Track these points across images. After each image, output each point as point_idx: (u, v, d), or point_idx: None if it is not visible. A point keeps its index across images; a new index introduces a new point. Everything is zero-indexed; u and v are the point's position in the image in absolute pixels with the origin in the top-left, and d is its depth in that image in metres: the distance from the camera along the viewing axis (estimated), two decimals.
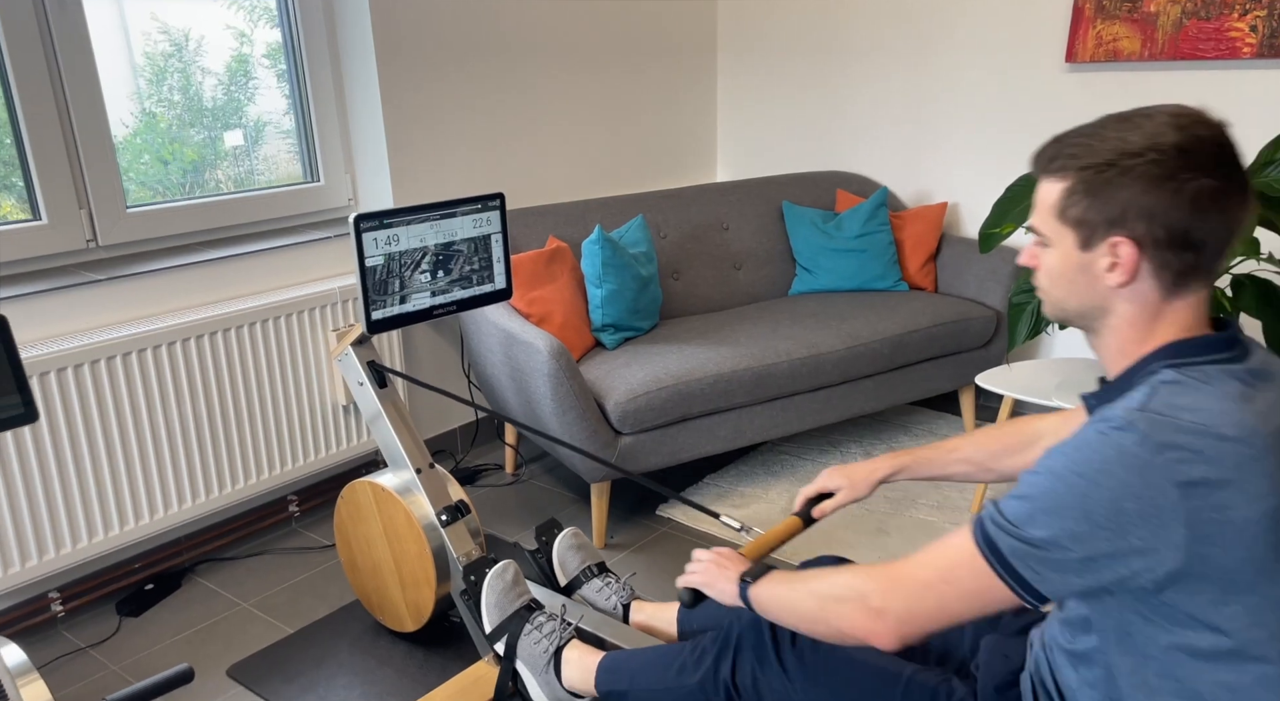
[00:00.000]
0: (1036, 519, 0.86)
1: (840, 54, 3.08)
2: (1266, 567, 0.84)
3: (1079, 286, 0.94)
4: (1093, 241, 0.91)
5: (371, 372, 1.86)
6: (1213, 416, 0.83)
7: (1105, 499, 0.82)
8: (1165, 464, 0.81)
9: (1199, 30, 2.41)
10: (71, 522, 1.93)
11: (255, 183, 2.39)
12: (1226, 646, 0.87)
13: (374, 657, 1.90)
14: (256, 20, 2.30)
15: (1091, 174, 0.90)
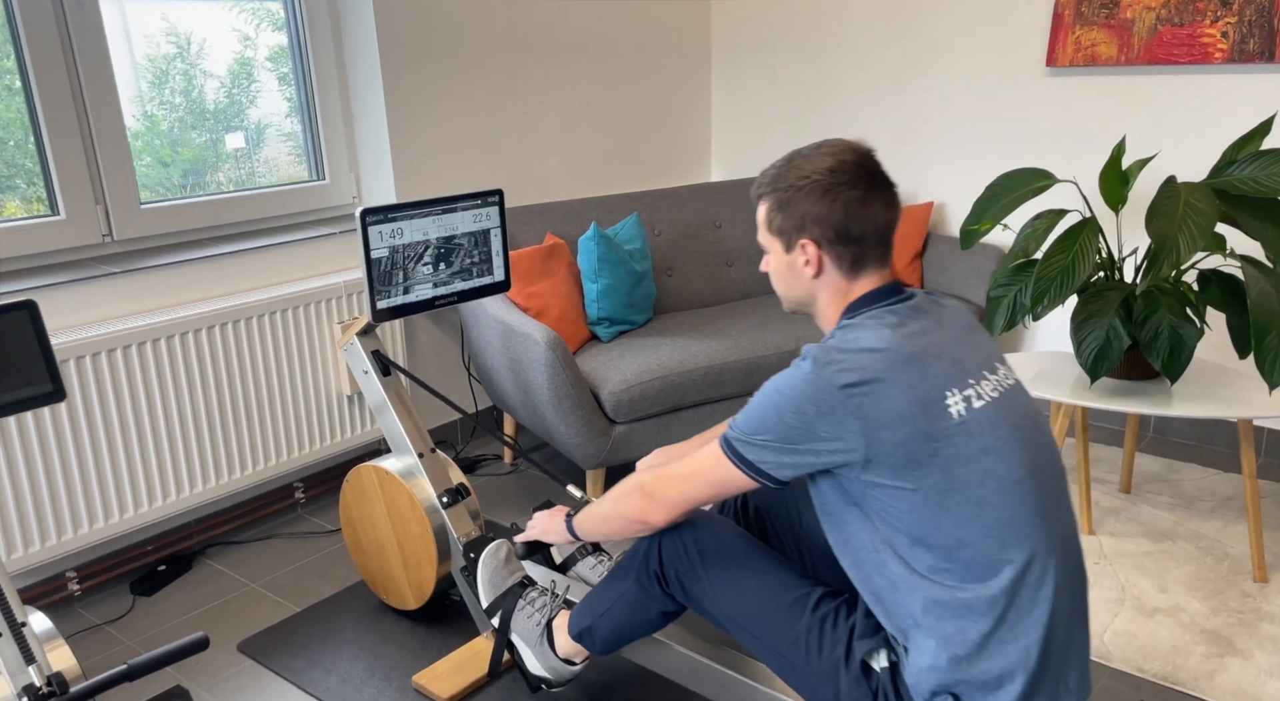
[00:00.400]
0: (752, 423, 1.17)
1: (830, 58, 3.17)
2: (929, 445, 1.11)
3: (792, 281, 1.27)
4: (790, 245, 1.24)
5: (376, 362, 1.94)
6: (865, 339, 1.14)
7: (791, 405, 1.14)
8: (829, 375, 1.12)
9: (1173, 36, 2.50)
10: (89, 504, 2.02)
11: (256, 185, 2.46)
12: (897, 526, 1.14)
13: (378, 633, 1.98)
14: (260, 24, 2.38)
15: (780, 194, 1.23)
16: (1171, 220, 1.90)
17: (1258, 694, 1.73)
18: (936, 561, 1.13)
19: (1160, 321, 1.98)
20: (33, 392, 1.35)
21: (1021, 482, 1.14)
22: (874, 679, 1.21)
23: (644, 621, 1.46)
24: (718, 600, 1.35)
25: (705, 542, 1.38)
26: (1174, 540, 2.25)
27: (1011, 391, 1.20)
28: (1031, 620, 1.13)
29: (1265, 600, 2.00)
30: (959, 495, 1.12)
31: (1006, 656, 1.13)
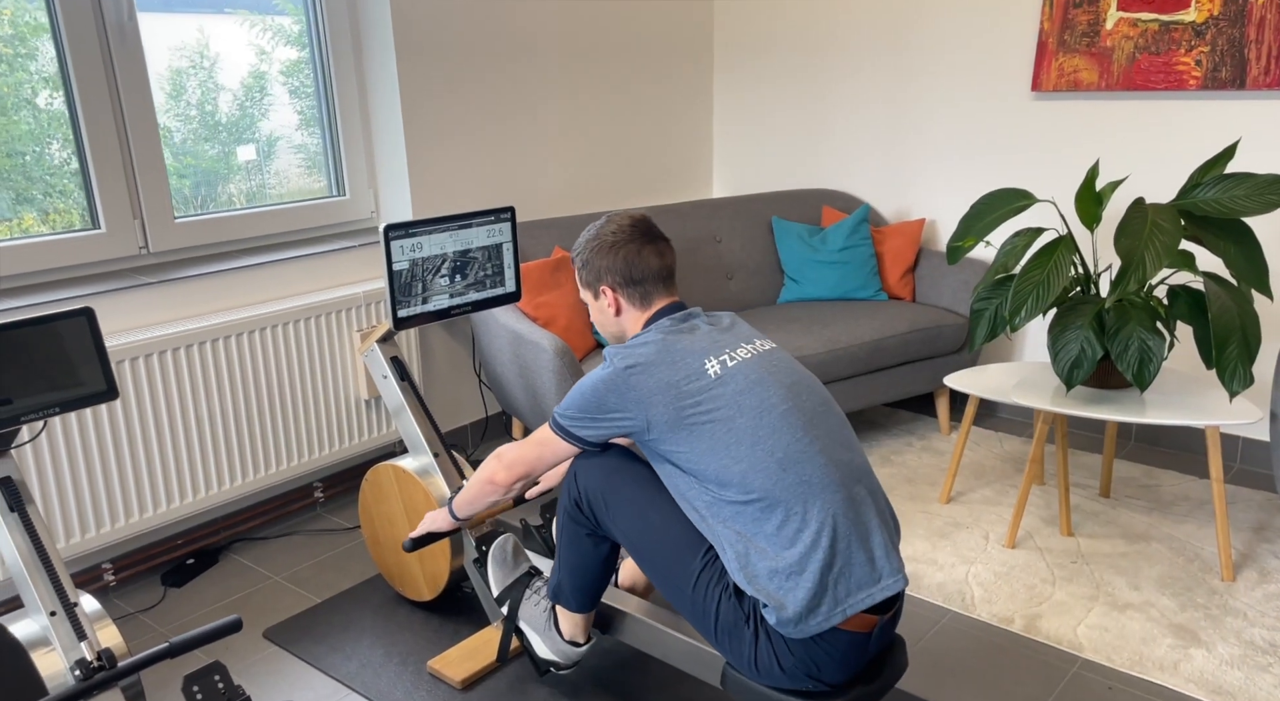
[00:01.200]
0: (569, 405, 1.53)
1: (827, 81, 3.31)
2: (694, 401, 1.43)
3: (606, 321, 1.63)
4: (597, 294, 1.62)
5: (394, 367, 2.08)
6: (643, 339, 1.50)
7: (591, 389, 1.50)
8: (617, 363, 1.48)
9: (1150, 64, 2.64)
10: (125, 500, 2.15)
11: (267, 196, 2.57)
12: (693, 473, 1.45)
13: (394, 623, 2.11)
14: (275, 38, 2.48)
15: (581, 256, 1.63)
16: (1138, 239, 2.03)
17: (1218, 682, 1.84)
18: (736, 494, 1.41)
19: (1130, 334, 2.11)
20: (89, 391, 1.48)
21: (787, 413, 1.44)
22: (745, 601, 1.45)
23: (585, 553, 1.65)
24: (623, 527, 1.56)
25: (615, 475, 1.59)
26: (1148, 541, 2.37)
27: (767, 353, 1.52)
28: (814, 527, 1.38)
29: (1231, 597, 2.12)
30: (736, 435, 1.42)
31: (795, 556, 1.37)
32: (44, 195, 2.15)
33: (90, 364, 1.49)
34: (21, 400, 1.42)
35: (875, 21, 3.15)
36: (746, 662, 1.46)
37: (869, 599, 1.40)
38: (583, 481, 1.61)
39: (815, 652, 1.40)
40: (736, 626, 1.45)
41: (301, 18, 2.52)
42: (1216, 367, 2.03)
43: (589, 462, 1.62)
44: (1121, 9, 2.65)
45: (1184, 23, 2.56)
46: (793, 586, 1.38)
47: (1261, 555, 2.29)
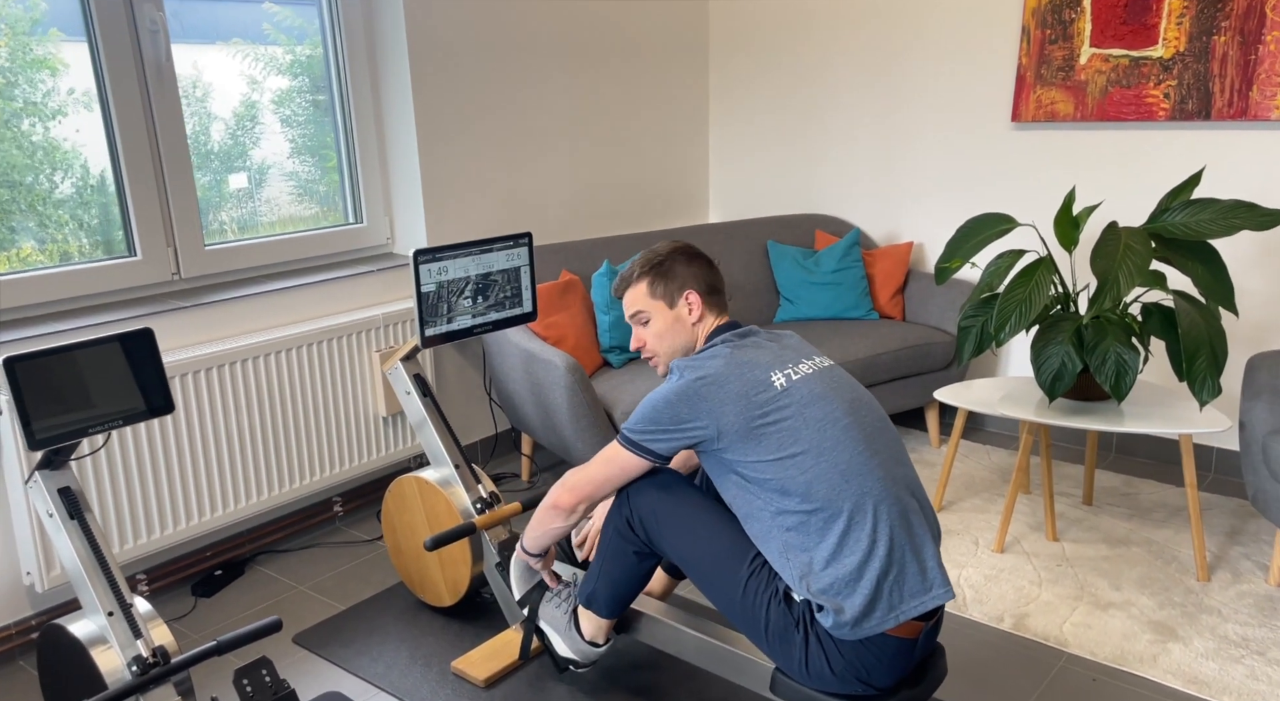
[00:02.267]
0: (640, 420, 1.58)
1: (819, 112, 3.48)
2: (762, 412, 1.50)
3: (677, 333, 1.69)
4: (674, 302, 1.68)
5: (417, 384, 2.21)
6: (711, 353, 1.58)
7: (663, 402, 1.55)
8: (688, 376, 1.54)
9: (1121, 96, 2.82)
10: (161, 513, 2.26)
11: (258, 224, 2.61)
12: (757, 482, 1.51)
13: (417, 627, 2.22)
14: (267, 69, 2.54)
15: (656, 269, 1.69)
16: (1113, 260, 2.18)
17: (1193, 672, 1.97)
18: (798, 504, 1.48)
19: (1108, 348, 2.25)
20: (148, 405, 1.61)
21: (849, 427, 1.52)
22: (795, 607, 1.52)
23: (628, 568, 1.73)
24: (673, 542, 1.63)
25: (667, 494, 1.66)
26: (1129, 546, 2.50)
27: (827, 369, 1.60)
28: (871, 535, 1.46)
29: (1206, 595, 2.25)
30: (802, 446, 1.49)
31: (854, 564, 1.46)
32: (40, 227, 2.20)
33: (150, 379, 1.61)
34: (87, 413, 1.54)
35: (865, 56, 3.32)
36: (797, 665, 1.53)
37: (920, 606, 1.47)
38: (635, 501, 1.68)
39: (865, 656, 1.48)
40: (786, 630, 1.52)
41: (293, 48, 2.60)
42: (1187, 379, 2.18)
43: (641, 484, 1.69)
44: (1094, 45, 2.83)
45: (1152, 58, 2.74)
46: (850, 592, 1.45)
47: (1234, 557, 2.43)
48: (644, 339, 1.72)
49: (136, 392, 1.59)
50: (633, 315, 1.72)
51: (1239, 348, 2.80)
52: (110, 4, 2.21)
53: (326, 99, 2.70)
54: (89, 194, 2.25)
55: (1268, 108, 2.59)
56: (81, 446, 2.01)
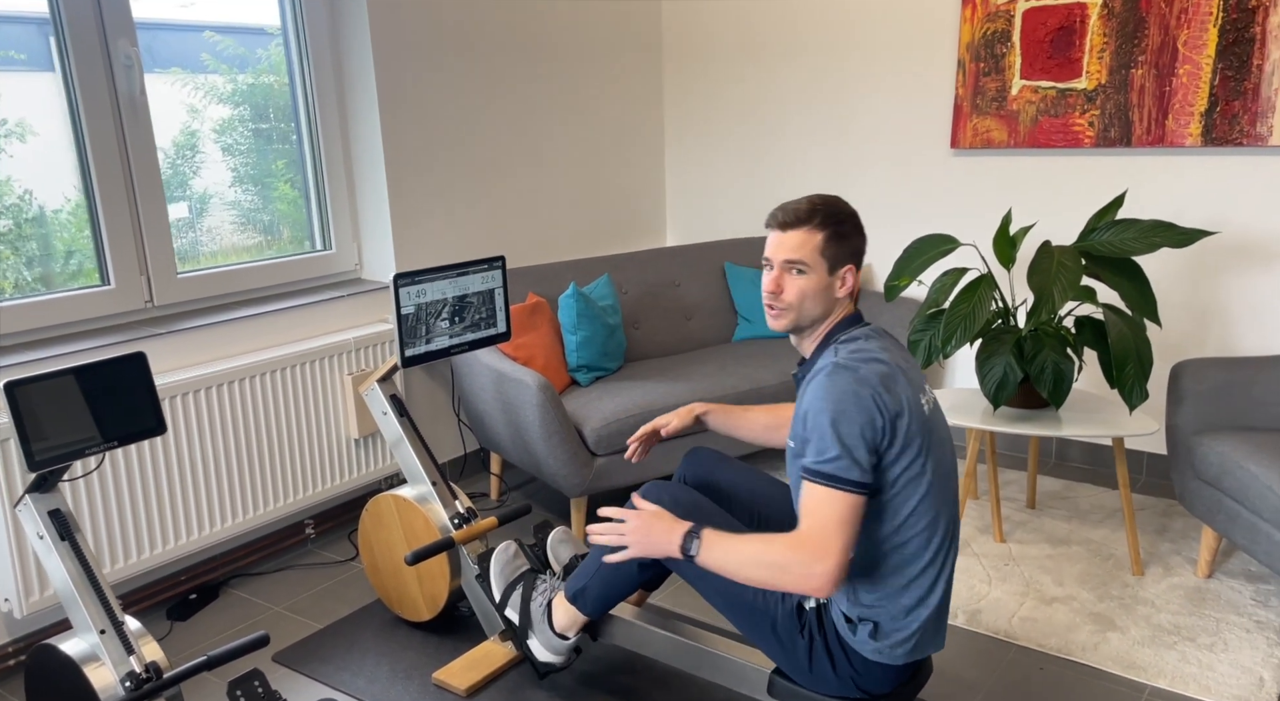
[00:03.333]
0: (838, 440, 1.40)
1: (770, 138, 3.65)
2: (921, 428, 1.46)
3: (822, 300, 1.53)
4: (834, 270, 1.53)
5: (394, 404, 2.28)
6: (871, 351, 1.48)
7: (853, 407, 1.41)
8: (864, 373, 1.42)
9: (1050, 125, 3.02)
10: (136, 538, 2.28)
11: (199, 254, 2.59)
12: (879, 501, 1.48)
13: (396, 642, 2.27)
14: (207, 98, 2.55)
15: (839, 227, 1.52)
16: (1047, 276, 2.35)
17: (1131, 659, 2.12)
18: (886, 531, 1.47)
19: (1045, 359, 2.42)
20: (140, 427, 1.66)
21: (951, 475, 1.55)
22: (804, 615, 1.58)
23: (630, 575, 1.75)
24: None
25: (673, 503, 1.67)
26: (1070, 545, 2.66)
27: (937, 406, 1.58)
28: (944, 570, 1.53)
29: (1140, 588, 2.42)
30: (926, 477, 1.47)
31: (911, 602, 1.52)
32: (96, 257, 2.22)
33: (143, 402, 1.66)
34: (83, 435, 1.58)
35: (813, 86, 3.50)
36: (800, 666, 1.58)
37: (937, 648, 1.58)
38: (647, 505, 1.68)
39: (875, 671, 1.55)
40: (792, 633, 1.57)
41: (234, 77, 2.63)
42: (1118, 386, 2.35)
43: (653, 490, 1.70)
44: (1024, 77, 3.03)
45: (1077, 90, 2.95)
46: (897, 625, 1.51)
47: (1165, 553, 2.60)
48: (784, 287, 1.52)
49: (130, 414, 1.64)
50: (788, 260, 1.51)
51: (1163, 356, 3.01)
52: (85, 39, 2.26)
53: (269, 127, 2.73)
54: (26, 226, 2.25)
55: (1182, 135, 2.81)
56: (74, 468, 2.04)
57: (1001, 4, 3.02)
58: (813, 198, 1.54)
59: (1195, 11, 2.72)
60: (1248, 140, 2.71)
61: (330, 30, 2.81)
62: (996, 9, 3.03)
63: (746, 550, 1.46)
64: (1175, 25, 2.76)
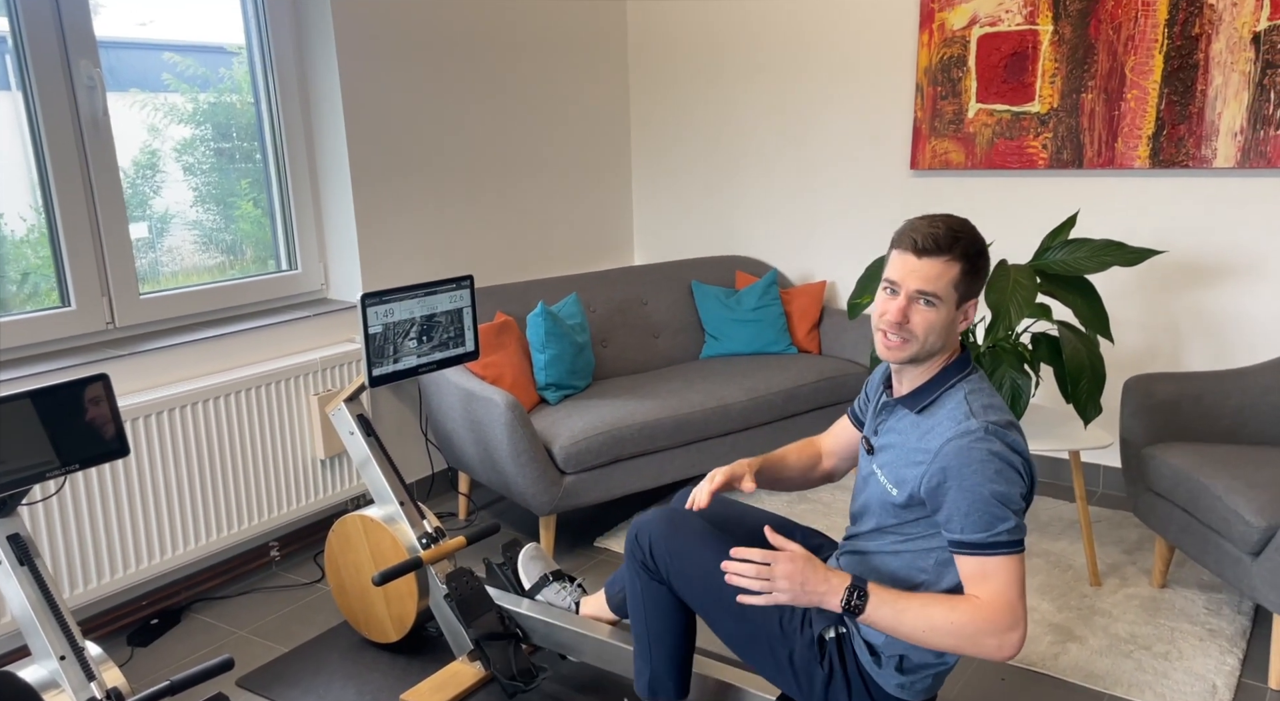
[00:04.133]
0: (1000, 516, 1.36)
1: (735, 160, 3.71)
2: None
3: (946, 333, 1.43)
4: (960, 304, 1.43)
5: (361, 424, 2.27)
6: (1001, 411, 1.43)
7: (1014, 479, 1.37)
8: (1010, 438, 1.39)
9: (1005, 147, 3.11)
10: (97, 563, 2.25)
11: (159, 275, 2.57)
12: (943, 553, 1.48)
13: (362, 665, 2.25)
14: (168, 118, 2.53)
15: (975, 262, 1.42)
16: (1004, 294, 2.42)
17: (1090, 669, 2.17)
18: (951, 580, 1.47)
19: (1004, 374, 2.48)
20: (103, 449, 1.64)
21: None
22: (825, 647, 1.54)
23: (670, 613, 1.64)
24: (694, 581, 1.58)
25: (682, 533, 1.61)
26: (1030, 557, 2.71)
27: None
28: None
29: (1098, 599, 2.47)
30: None
31: None
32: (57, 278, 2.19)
33: (106, 424, 1.65)
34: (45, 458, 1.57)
35: (776, 108, 3.57)
36: (815, 697, 1.55)
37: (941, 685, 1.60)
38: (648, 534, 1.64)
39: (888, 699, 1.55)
40: (809, 664, 1.54)
41: (195, 97, 2.62)
42: (1073, 401, 2.41)
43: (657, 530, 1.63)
44: (980, 101, 3.12)
45: (1031, 113, 3.04)
46: (928, 664, 1.51)
47: (1122, 564, 2.66)
48: (912, 317, 1.40)
49: (93, 436, 1.62)
50: (920, 290, 1.39)
51: (1116, 372, 3.09)
52: (46, 59, 2.25)
53: (231, 146, 2.72)
54: None
55: (1131, 157, 2.91)
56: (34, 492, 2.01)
57: (957, 29, 3.10)
58: (951, 221, 1.41)
59: (1142, 38, 2.82)
60: (1193, 162, 2.81)
61: (296, 48, 2.82)
62: (953, 34, 3.12)
63: (928, 617, 1.39)
64: (1123, 52, 2.86)
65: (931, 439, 1.42)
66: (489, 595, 2.14)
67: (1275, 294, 2.80)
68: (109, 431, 1.65)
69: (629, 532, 1.69)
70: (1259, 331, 2.85)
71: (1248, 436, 2.45)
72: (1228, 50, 2.70)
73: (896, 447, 1.50)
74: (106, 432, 1.64)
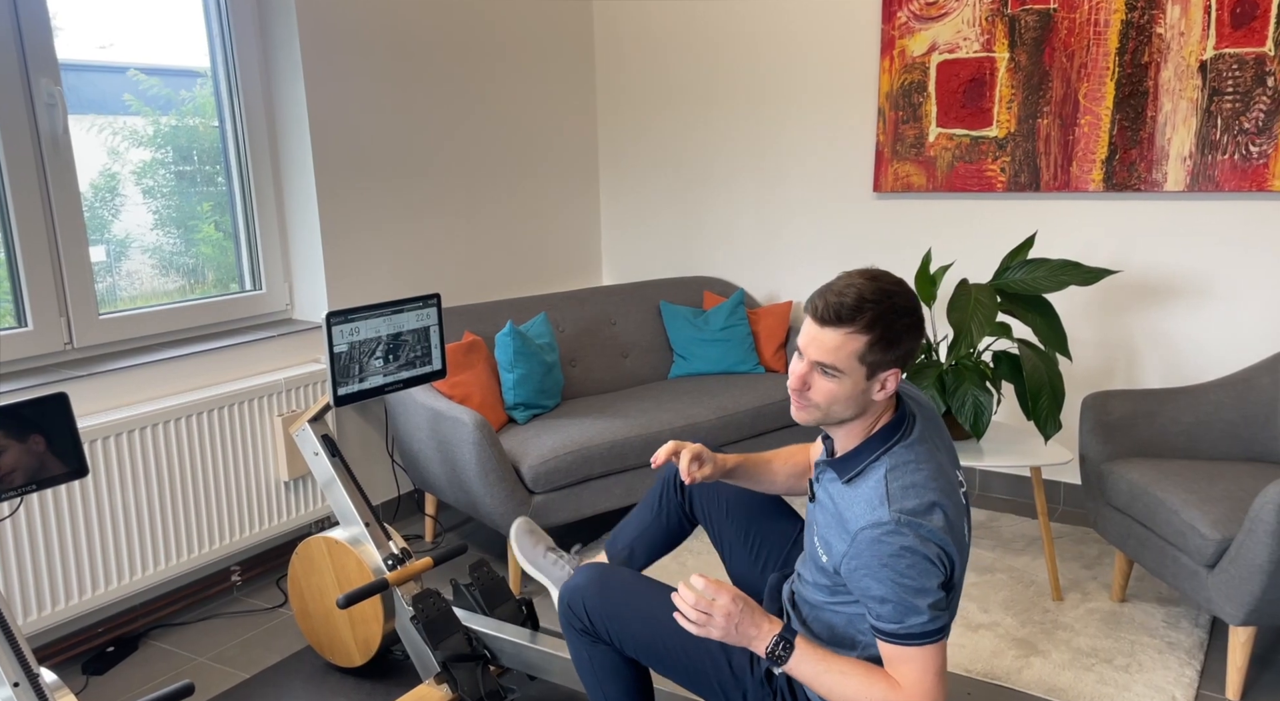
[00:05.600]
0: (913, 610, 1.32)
1: (702, 182, 3.75)
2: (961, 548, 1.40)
3: (855, 402, 1.36)
4: (874, 375, 1.35)
5: (325, 444, 2.25)
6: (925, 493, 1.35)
7: (927, 573, 1.32)
8: (927, 529, 1.32)
9: (965, 170, 3.18)
10: (53, 588, 2.19)
11: (117, 299, 2.53)
12: None
13: (327, 690, 2.21)
14: (128, 141, 2.50)
15: (885, 330, 1.32)
16: (965, 312, 2.46)
17: (1053, 683, 2.19)
18: None
19: (966, 392, 2.52)
20: (61, 470, 1.61)
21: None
22: (774, 681, 1.54)
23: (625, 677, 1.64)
24: (638, 636, 1.57)
25: (615, 590, 1.59)
26: (994, 573, 2.75)
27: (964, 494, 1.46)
28: None
29: (1060, 613, 2.51)
30: None
31: None
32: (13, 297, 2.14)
33: (65, 444, 1.61)
34: None
35: (740, 131, 3.62)
36: None
37: None
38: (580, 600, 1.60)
39: None
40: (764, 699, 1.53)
41: (156, 119, 2.60)
42: (1033, 418, 2.46)
43: (591, 594, 1.60)
44: (940, 126, 3.19)
45: (989, 138, 3.12)
46: None
47: (1083, 579, 2.70)
48: (813, 385, 1.36)
49: (51, 457, 1.59)
50: (821, 362, 1.34)
51: (1075, 390, 3.16)
52: (5, 77, 2.22)
53: (193, 170, 2.70)
54: None
55: (1085, 181, 2.99)
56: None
57: (917, 56, 3.18)
58: (865, 288, 1.32)
59: (1094, 66, 2.92)
60: (1144, 186, 2.89)
61: (261, 67, 2.81)
62: (913, 61, 3.19)
63: (845, 685, 1.37)
64: (1076, 79, 2.95)
65: (851, 519, 1.38)
66: (456, 616, 2.12)
67: (1224, 314, 2.88)
68: (69, 451, 1.61)
69: (560, 602, 1.63)
70: (1209, 350, 2.93)
71: (1201, 452, 2.51)
72: (1176, 78, 2.80)
73: (828, 512, 1.46)
74: (66, 452, 1.61)
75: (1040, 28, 2.97)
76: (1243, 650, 2.09)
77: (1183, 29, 2.77)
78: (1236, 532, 2.05)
